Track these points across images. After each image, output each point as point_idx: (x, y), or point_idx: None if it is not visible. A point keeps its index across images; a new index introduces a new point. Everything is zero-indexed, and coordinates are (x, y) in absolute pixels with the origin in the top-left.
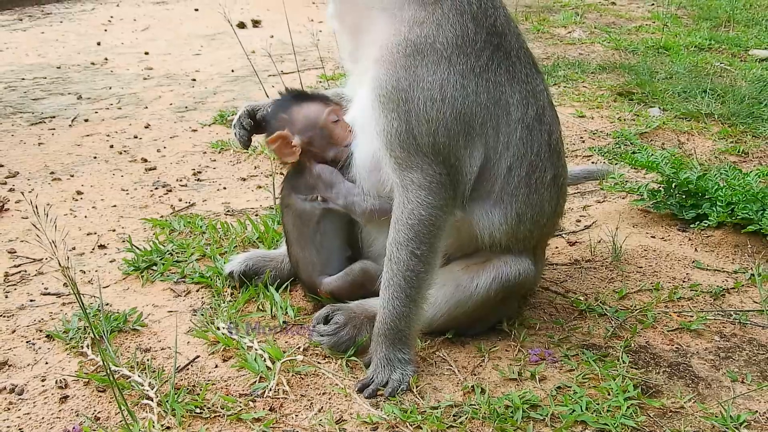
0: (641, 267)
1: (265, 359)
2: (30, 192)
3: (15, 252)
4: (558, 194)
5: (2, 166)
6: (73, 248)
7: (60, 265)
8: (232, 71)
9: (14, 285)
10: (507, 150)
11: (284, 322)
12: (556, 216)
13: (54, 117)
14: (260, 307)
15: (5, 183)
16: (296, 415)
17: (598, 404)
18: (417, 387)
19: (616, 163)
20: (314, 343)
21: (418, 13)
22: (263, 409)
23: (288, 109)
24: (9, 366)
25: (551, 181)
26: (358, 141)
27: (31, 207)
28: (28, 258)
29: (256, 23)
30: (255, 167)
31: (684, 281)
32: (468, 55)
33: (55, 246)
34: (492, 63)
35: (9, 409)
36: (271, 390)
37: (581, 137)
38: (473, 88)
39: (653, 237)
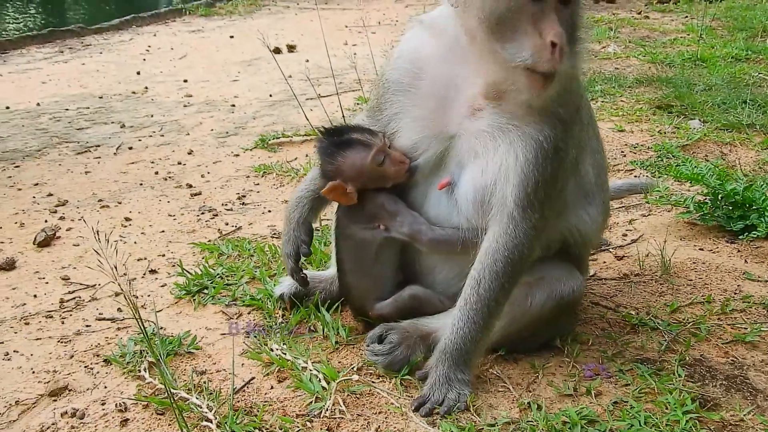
0: (691, 280)
1: (320, 379)
2: (80, 220)
3: (69, 279)
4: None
5: (51, 195)
6: (125, 274)
7: (121, 288)
8: (270, 96)
9: (70, 311)
10: (591, 152)
11: (336, 342)
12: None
13: (99, 146)
14: (312, 327)
15: (55, 211)
16: None
17: (657, 418)
18: (473, 405)
19: (659, 176)
20: (369, 362)
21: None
22: (321, 429)
23: (334, 159)
24: (69, 390)
25: (603, 166)
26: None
27: (92, 232)
28: (81, 284)
29: (291, 48)
30: None
31: (735, 293)
32: None
33: (116, 270)
34: None
35: None
36: (327, 410)
37: (622, 151)
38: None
39: (701, 249)
